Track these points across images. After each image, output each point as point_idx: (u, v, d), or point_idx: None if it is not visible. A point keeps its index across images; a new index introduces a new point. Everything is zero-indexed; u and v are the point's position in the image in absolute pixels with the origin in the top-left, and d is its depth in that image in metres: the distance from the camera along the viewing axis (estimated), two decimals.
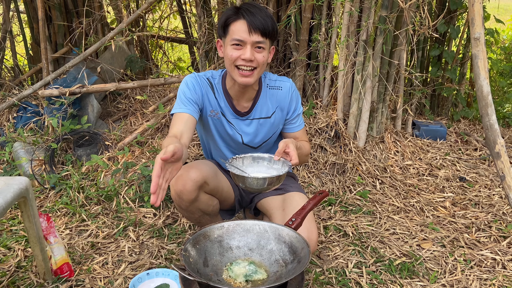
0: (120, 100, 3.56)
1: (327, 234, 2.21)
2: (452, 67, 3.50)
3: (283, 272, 1.34)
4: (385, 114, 3.08)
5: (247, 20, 1.59)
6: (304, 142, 1.88)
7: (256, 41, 1.62)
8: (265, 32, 1.61)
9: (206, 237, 1.43)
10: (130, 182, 2.55)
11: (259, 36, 1.61)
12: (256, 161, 1.65)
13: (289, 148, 1.55)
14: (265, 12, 1.63)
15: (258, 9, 1.62)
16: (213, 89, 1.79)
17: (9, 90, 3.64)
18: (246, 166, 1.63)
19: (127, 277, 1.86)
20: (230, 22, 1.63)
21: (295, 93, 1.86)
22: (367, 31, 2.72)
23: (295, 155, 1.53)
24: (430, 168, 2.96)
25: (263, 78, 1.84)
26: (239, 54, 1.63)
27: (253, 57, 1.63)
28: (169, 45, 4.79)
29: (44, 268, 1.78)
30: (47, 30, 3.56)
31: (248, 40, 1.61)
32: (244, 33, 1.60)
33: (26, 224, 1.68)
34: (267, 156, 1.64)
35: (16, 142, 2.85)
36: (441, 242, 2.17)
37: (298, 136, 1.90)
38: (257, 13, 1.61)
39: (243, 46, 1.62)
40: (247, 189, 1.51)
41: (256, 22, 1.59)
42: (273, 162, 1.62)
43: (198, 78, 1.78)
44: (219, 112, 1.81)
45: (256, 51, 1.64)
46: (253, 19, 1.59)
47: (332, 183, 2.72)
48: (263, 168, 1.64)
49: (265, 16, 1.61)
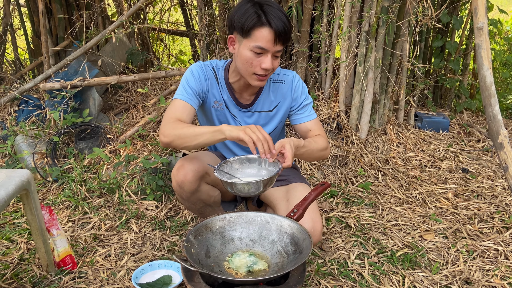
0: (122, 93, 3.55)
1: (329, 226, 2.21)
2: (455, 58, 3.48)
3: (285, 263, 1.34)
4: (387, 106, 3.06)
5: (274, 29, 1.54)
6: (316, 136, 1.79)
7: (278, 50, 1.60)
8: (287, 39, 1.59)
9: (207, 229, 1.43)
10: (132, 175, 2.55)
11: (281, 46, 1.59)
12: (245, 163, 1.60)
13: (285, 148, 1.51)
14: (283, 12, 1.57)
15: (278, 10, 1.56)
16: (217, 80, 1.78)
17: (11, 84, 3.64)
18: (234, 170, 1.58)
19: (129, 269, 1.87)
20: (255, 27, 1.56)
21: (298, 84, 1.83)
22: (369, 21, 2.70)
23: (290, 157, 1.49)
24: (433, 160, 2.95)
25: None
26: (259, 63, 1.60)
27: (272, 66, 1.61)
28: (170, 38, 4.77)
29: (47, 261, 1.78)
30: (48, 23, 3.55)
31: (271, 49, 1.58)
32: (269, 42, 1.56)
33: (29, 217, 1.69)
34: (256, 157, 1.58)
35: (18, 136, 2.86)
36: (443, 233, 2.17)
37: (309, 128, 1.83)
38: (280, 16, 1.55)
39: (263, 54, 1.59)
40: (239, 195, 1.47)
41: (281, 30, 1.55)
42: (263, 162, 1.58)
43: (204, 67, 1.76)
44: (223, 103, 1.80)
45: (273, 58, 1.62)
46: (279, 26, 1.54)
47: (334, 175, 2.71)
48: (253, 170, 1.59)
49: (286, 19, 1.56)
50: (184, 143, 1.58)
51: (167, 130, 1.59)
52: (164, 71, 3.25)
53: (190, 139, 1.56)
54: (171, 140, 1.58)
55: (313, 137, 1.80)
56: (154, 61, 4.09)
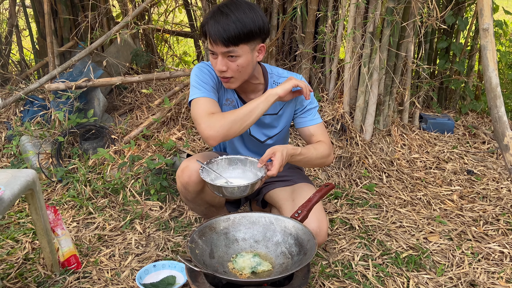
0: (126, 94, 3.56)
1: (333, 227, 2.21)
2: (460, 59, 3.46)
3: (289, 264, 1.34)
4: (392, 107, 3.06)
5: (208, 31, 1.54)
6: (318, 143, 1.77)
7: (223, 52, 1.55)
8: (229, 41, 1.52)
9: (212, 229, 1.43)
10: (136, 175, 2.56)
11: (223, 47, 1.53)
12: (232, 165, 1.63)
13: (275, 156, 1.52)
14: (232, 16, 1.51)
15: (224, 14, 1.52)
16: None
17: (16, 84, 3.65)
18: (221, 170, 1.60)
19: (133, 269, 1.87)
20: (204, 30, 1.57)
21: None
22: (374, 23, 2.70)
23: (277, 167, 1.49)
24: (438, 161, 2.93)
25: (269, 73, 1.79)
26: (215, 64, 1.60)
27: (224, 68, 1.58)
28: (174, 38, 4.78)
29: (51, 260, 1.79)
30: (53, 24, 3.56)
31: (217, 50, 1.55)
32: (211, 44, 1.56)
33: (34, 217, 1.69)
34: (243, 158, 1.61)
35: (23, 136, 2.87)
36: (448, 235, 2.16)
37: (312, 132, 1.80)
38: (220, 21, 1.51)
39: (216, 56, 1.58)
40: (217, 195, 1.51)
41: (216, 33, 1.51)
42: (249, 164, 1.61)
43: (210, 67, 1.75)
44: (235, 100, 1.79)
45: (229, 59, 1.57)
46: (213, 30, 1.51)
47: (338, 177, 2.71)
48: (238, 171, 1.61)
49: (228, 22, 1.50)
50: (242, 126, 1.56)
51: (214, 126, 1.53)
52: (168, 72, 3.26)
53: (246, 118, 1.56)
54: (225, 131, 1.53)
55: (315, 143, 1.78)
56: (159, 62, 4.10)
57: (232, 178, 1.60)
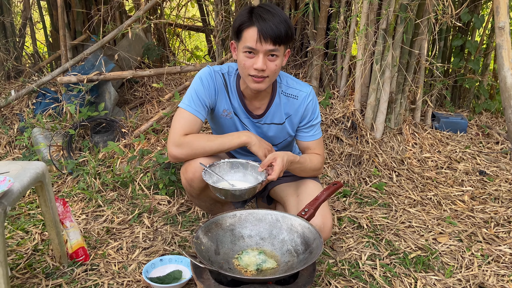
0: (137, 88, 3.58)
1: (341, 226, 2.19)
2: (475, 57, 3.40)
3: (295, 262, 1.33)
4: (404, 105, 3.02)
5: (258, 28, 1.54)
6: (314, 155, 1.81)
7: (268, 50, 1.56)
8: (277, 40, 1.55)
9: (218, 226, 1.43)
10: (145, 169, 2.57)
11: (271, 45, 1.55)
12: (234, 168, 1.68)
13: (276, 162, 1.56)
14: (279, 16, 1.55)
15: (271, 14, 1.54)
16: (227, 88, 1.77)
17: (29, 77, 3.69)
18: (223, 173, 1.65)
19: (140, 262, 1.88)
20: (243, 28, 1.57)
21: (311, 104, 1.78)
22: (387, 19, 2.66)
23: (277, 172, 1.54)
24: (449, 161, 2.89)
25: (278, 82, 1.78)
26: (251, 64, 1.59)
27: (265, 67, 1.58)
28: (186, 33, 4.78)
29: (60, 252, 1.81)
30: (66, 17, 3.59)
31: (260, 48, 1.56)
32: (256, 41, 1.55)
33: (43, 208, 1.71)
34: (245, 162, 1.67)
35: (35, 128, 2.90)
36: (458, 236, 2.13)
37: (309, 147, 1.83)
38: (270, 19, 1.53)
39: (255, 55, 1.58)
40: (219, 197, 1.55)
41: (268, 30, 1.53)
42: (250, 168, 1.66)
43: (214, 75, 1.75)
44: (232, 112, 1.79)
45: (269, 59, 1.59)
46: (264, 27, 1.53)
47: (347, 175, 2.68)
48: (239, 174, 1.67)
49: (278, 21, 1.54)
50: (206, 154, 1.69)
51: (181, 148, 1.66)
52: (179, 67, 3.26)
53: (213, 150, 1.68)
54: (189, 156, 1.68)
55: (311, 154, 1.81)
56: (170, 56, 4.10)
57: (233, 181, 1.64)
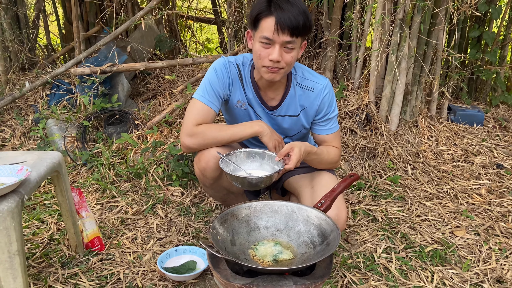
0: (150, 80, 3.58)
1: (355, 218, 2.17)
2: (492, 49, 3.33)
3: (311, 254, 1.32)
4: (419, 97, 2.97)
5: (276, 18, 1.51)
6: (331, 148, 1.79)
7: (285, 41, 1.54)
8: (295, 31, 1.52)
9: (233, 216, 1.42)
10: (158, 161, 2.57)
11: (288, 36, 1.53)
12: (250, 157, 1.67)
13: (293, 151, 1.55)
14: (298, 7, 1.52)
15: (290, 4, 1.51)
16: (241, 79, 1.75)
17: (43, 68, 3.71)
18: (239, 162, 1.65)
19: (155, 252, 1.89)
20: (260, 17, 1.55)
21: (327, 97, 1.76)
22: (404, 9, 2.60)
23: (294, 161, 1.53)
24: (466, 154, 2.84)
25: (293, 73, 1.76)
26: (267, 54, 1.57)
27: (280, 58, 1.56)
28: (197, 25, 4.76)
29: (76, 241, 1.82)
30: (79, 9, 3.59)
31: (277, 39, 1.53)
32: (273, 31, 1.52)
33: (59, 198, 1.72)
34: (261, 151, 1.66)
35: (49, 119, 2.92)
36: (475, 230, 2.09)
37: (326, 140, 1.81)
38: (288, 10, 1.50)
39: (271, 45, 1.56)
40: (236, 185, 1.56)
41: (286, 21, 1.50)
42: (267, 158, 1.65)
43: (228, 65, 1.73)
44: (246, 103, 1.78)
45: (285, 51, 1.57)
46: (282, 17, 1.50)
47: (361, 167, 2.66)
48: (256, 164, 1.66)
49: (297, 13, 1.51)
50: (217, 144, 1.68)
51: (193, 138, 1.66)
52: (191, 59, 3.25)
53: (224, 140, 1.67)
54: (201, 146, 1.68)
55: (328, 147, 1.79)
56: (182, 48, 4.09)
57: (250, 170, 1.63)
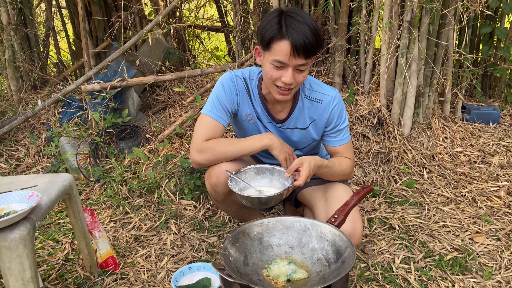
0: (159, 92, 3.59)
1: (371, 227, 2.13)
2: (505, 45, 3.24)
3: (326, 272, 1.29)
4: (432, 99, 2.91)
5: (291, 41, 1.47)
6: (344, 159, 1.75)
7: (300, 64, 1.52)
8: (310, 53, 1.51)
9: (245, 235, 1.40)
10: (170, 175, 2.57)
11: (303, 59, 1.51)
12: (260, 174, 1.66)
13: (302, 167, 1.52)
14: (309, 26, 1.49)
15: (302, 24, 1.48)
16: (249, 93, 1.74)
17: (54, 86, 3.76)
18: (249, 180, 1.64)
19: (169, 270, 1.88)
20: (273, 40, 1.51)
21: (337, 108, 1.72)
22: (411, 11, 2.56)
23: (304, 177, 1.50)
24: (483, 155, 2.77)
25: (301, 86, 1.73)
26: (279, 75, 1.55)
27: (293, 80, 1.55)
28: (205, 34, 4.77)
29: (90, 262, 1.82)
30: (88, 25, 3.63)
31: (291, 63, 1.52)
32: (287, 56, 1.50)
33: (71, 219, 1.73)
34: (271, 167, 1.65)
35: (62, 137, 2.95)
36: (495, 235, 2.03)
37: (338, 151, 1.78)
38: (301, 30, 1.47)
39: (284, 67, 1.54)
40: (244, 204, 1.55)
41: (301, 45, 1.47)
42: (276, 174, 1.63)
43: (235, 80, 1.72)
44: (255, 116, 1.77)
45: (297, 72, 1.55)
46: (297, 41, 1.46)
47: (375, 173, 2.61)
48: (266, 180, 1.65)
49: (310, 33, 1.47)
50: (227, 159, 1.66)
51: (203, 154, 1.64)
52: (199, 69, 3.25)
53: (234, 154, 1.65)
54: (210, 161, 1.66)
55: (340, 158, 1.76)
56: (190, 58, 4.10)
57: (260, 187, 1.62)
